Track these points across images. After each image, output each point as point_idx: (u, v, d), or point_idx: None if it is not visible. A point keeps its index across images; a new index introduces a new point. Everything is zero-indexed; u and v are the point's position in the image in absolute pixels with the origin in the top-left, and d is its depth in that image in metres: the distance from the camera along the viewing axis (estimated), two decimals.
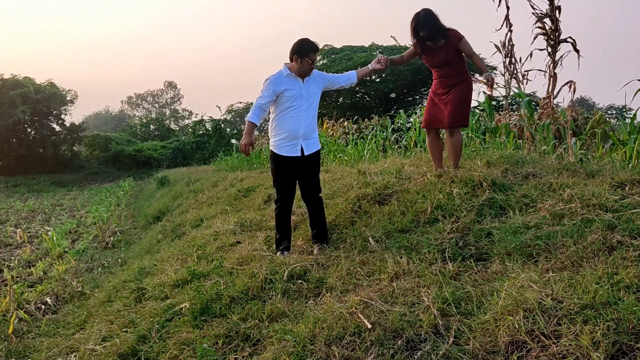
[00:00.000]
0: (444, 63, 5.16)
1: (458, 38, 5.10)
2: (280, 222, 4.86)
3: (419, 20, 5.09)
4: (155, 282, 5.01)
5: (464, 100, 5.17)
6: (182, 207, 11.85)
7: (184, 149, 38.68)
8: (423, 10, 5.11)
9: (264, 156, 17.31)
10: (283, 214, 4.85)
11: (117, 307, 4.86)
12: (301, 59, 4.65)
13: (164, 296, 4.58)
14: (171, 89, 79.62)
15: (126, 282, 5.72)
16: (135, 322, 4.19)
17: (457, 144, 5.28)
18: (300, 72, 4.70)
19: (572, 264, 3.12)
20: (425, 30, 5.07)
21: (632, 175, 4.20)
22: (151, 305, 4.39)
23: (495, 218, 4.18)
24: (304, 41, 4.70)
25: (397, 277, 3.64)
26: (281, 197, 4.85)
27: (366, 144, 10.35)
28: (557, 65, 9.75)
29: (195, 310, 3.88)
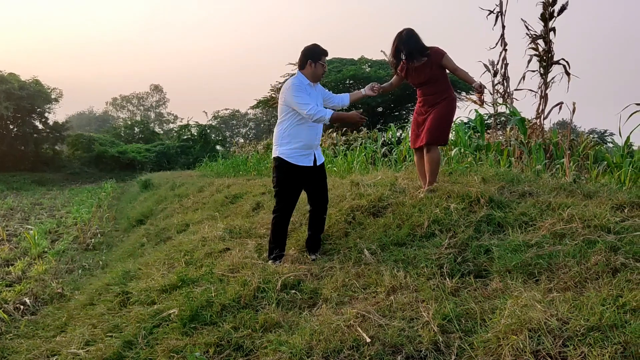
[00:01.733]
0: (427, 81, 5.17)
1: (440, 54, 5.11)
2: (278, 232, 4.77)
3: (402, 39, 5.12)
4: (141, 287, 4.86)
5: (443, 118, 5.16)
6: (167, 211, 11.66)
7: (169, 153, 38.36)
8: (405, 30, 5.14)
9: (250, 164, 17.20)
10: (283, 223, 4.78)
11: (100, 311, 4.70)
12: (315, 63, 4.69)
13: (150, 301, 4.44)
14: (157, 92, 79.04)
15: (110, 285, 5.55)
16: (120, 327, 4.05)
17: (433, 160, 5.24)
18: (314, 77, 4.72)
19: (575, 285, 3.08)
20: (406, 49, 5.10)
21: (630, 197, 4.19)
22: (137, 310, 4.24)
23: (493, 235, 4.14)
24: (315, 46, 4.73)
25: (395, 291, 3.57)
26: (284, 206, 4.76)
27: (356, 156, 10.31)
28: (549, 86, 9.87)
29: (184, 317, 3.75)
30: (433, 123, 5.10)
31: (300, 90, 4.59)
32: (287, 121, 4.68)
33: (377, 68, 28.62)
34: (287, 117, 4.67)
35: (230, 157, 23.12)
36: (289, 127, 4.67)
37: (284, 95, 4.63)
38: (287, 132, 4.67)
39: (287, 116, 4.67)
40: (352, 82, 28.41)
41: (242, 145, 28.02)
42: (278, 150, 4.69)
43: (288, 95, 4.59)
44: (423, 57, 5.10)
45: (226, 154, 27.66)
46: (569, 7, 9.41)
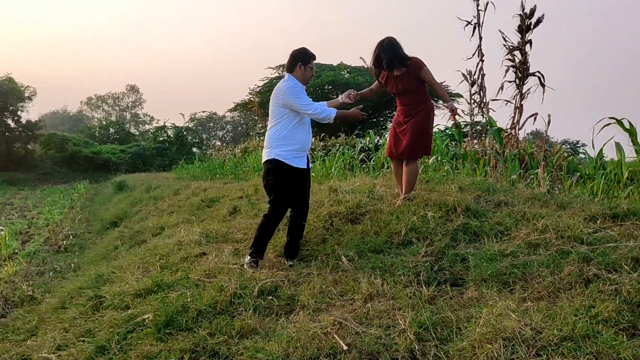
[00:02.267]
0: (405, 91, 5.20)
1: (419, 66, 5.14)
2: (266, 237, 4.76)
3: (383, 48, 5.15)
4: (114, 291, 4.79)
5: (422, 131, 5.18)
6: (142, 214, 11.52)
7: (144, 155, 37.90)
8: (387, 38, 5.18)
9: (227, 167, 17.12)
10: (273, 227, 4.78)
11: (72, 315, 4.61)
12: (305, 66, 4.74)
13: (124, 306, 4.37)
14: (133, 92, 78.14)
15: (82, 288, 5.45)
16: (93, 332, 3.98)
17: (411, 173, 5.29)
18: (304, 80, 4.76)
19: (548, 295, 3.13)
20: (386, 57, 5.13)
21: (602, 209, 4.28)
22: (110, 314, 4.17)
23: (469, 244, 4.19)
24: (305, 49, 4.79)
25: (372, 298, 3.58)
26: (279, 209, 4.74)
27: (334, 162, 10.34)
28: (524, 97, 10.04)
29: (159, 322, 3.71)
30: (412, 138, 5.13)
31: (300, 92, 4.64)
32: (282, 123, 4.66)
33: (355, 74, 28.78)
34: (282, 120, 4.66)
35: (207, 160, 22.97)
36: (285, 129, 4.66)
37: (281, 98, 4.62)
38: (282, 134, 4.65)
39: (282, 118, 4.66)
40: (331, 87, 28.52)
41: (219, 149, 27.85)
42: (274, 152, 4.64)
43: (287, 98, 4.59)
44: (403, 67, 5.13)
45: (203, 157, 27.47)
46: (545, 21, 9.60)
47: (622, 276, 3.09)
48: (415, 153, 5.20)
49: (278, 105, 4.66)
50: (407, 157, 5.21)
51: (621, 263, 3.25)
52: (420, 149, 5.22)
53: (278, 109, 4.68)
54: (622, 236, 3.70)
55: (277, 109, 4.69)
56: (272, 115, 4.75)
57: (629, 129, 5.56)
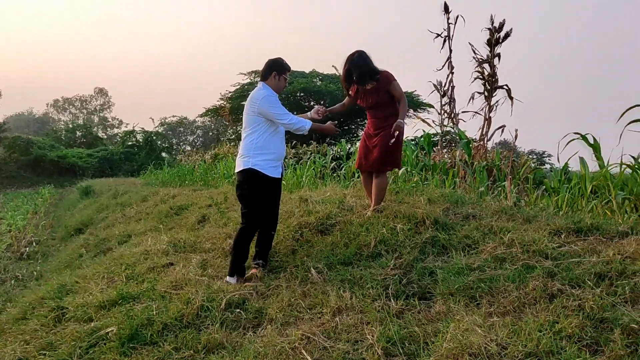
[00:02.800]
0: (375, 104, 5.22)
1: (389, 80, 5.15)
2: (244, 247, 4.68)
3: (353, 62, 5.15)
4: (77, 302, 4.67)
5: (392, 145, 5.18)
6: (108, 221, 11.30)
7: (112, 159, 37.30)
8: (357, 52, 5.18)
9: (197, 173, 16.94)
10: (250, 239, 4.72)
11: (33, 326, 4.47)
12: (279, 75, 4.75)
13: (87, 318, 4.26)
14: (102, 95, 76.94)
15: (44, 299, 5.30)
16: (55, 345, 3.86)
17: (380, 185, 5.31)
18: (277, 89, 4.77)
19: (514, 310, 3.17)
20: (356, 72, 5.13)
21: (567, 223, 4.36)
22: (73, 327, 4.06)
23: (438, 257, 4.22)
24: (282, 60, 4.82)
25: (340, 312, 3.57)
26: (256, 220, 4.69)
27: (305, 170, 10.33)
28: (493, 109, 10.23)
29: (123, 336, 3.63)
30: (383, 151, 5.15)
31: (276, 101, 4.64)
32: (258, 132, 4.63)
33: (328, 82, 28.85)
34: (258, 128, 4.63)
35: (177, 166, 22.70)
36: (261, 139, 4.62)
37: (257, 107, 4.59)
38: (259, 143, 4.61)
39: (258, 127, 4.63)
40: (303, 94, 28.53)
41: (189, 154, 27.55)
42: (251, 161, 4.59)
43: (263, 107, 4.57)
44: (373, 81, 5.15)
45: (172, 162, 27.14)
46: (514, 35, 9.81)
47: (586, 292, 3.15)
48: (385, 166, 5.23)
49: (253, 114, 4.63)
50: (376, 171, 5.23)
51: (584, 278, 3.31)
52: (390, 163, 5.25)
53: (253, 118, 4.65)
54: (585, 251, 3.77)
55: (252, 117, 4.65)
56: (247, 124, 4.71)
57: (592, 144, 5.70)
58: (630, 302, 2.99)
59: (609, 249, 3.75)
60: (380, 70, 5.18)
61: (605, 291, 3.14)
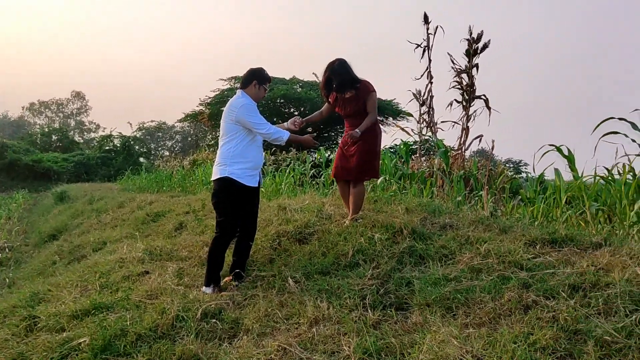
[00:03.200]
0: (353, 113, 5.22)
1: (367, 91, 5.17)
2: (220, 257, 4.64)
3: (334, 69, 5.17)
4: (50, 311, 4.57)
5: (369, 154, 5.22)
6: (83, 227, 11.13)
7: (88, 164, 36.71)
8: (337, 60, 5.20)
9: (175, 179, 16.78)
10: (225, 247, 4.68)
11: (4, 336, 4.35)
12: (260, 85, 4.73)
13: (60, 328, 4.17)
14: (78, 99, 75.82)
15: (16, 307, 5.18)
16: (26, 356, 3.77)
17: (358, 194, 5.32)
18: (256, 98, 4.74)
19: (490, 321, 3.19)
20: (337, 80, 5.15)
21: (542, 234, 4.42)
22: (45, 337, 3.97)
23: (415, 267, 4.23)
24: (264, 70, 4.80)
25: (317, 322, 3.56)
26: (231, 229, 4.66)
27: (284, 177, 10.30)
28: (470, 119, 10.35)
29: (95, 347, 3.55)
30: (360, 160, 5.16)
31: (254, 110, 4.61)
32: (236, 140, 4.60)
33: (308, 89, 28.88)
34: (235, 137, 4.60)
35: (154, 171, 22.46)
36: (238, 147, 4.59)
37: (235, 115, 4.56)
38: (236, 151, 4.58)
39: (235, 135, 4.59)
40: (283, 101, 28.52)
41: (167, 160, 27.28)
42: (227, 170, 4.55)
43: (241, 115, 4.54)
44: (353, 89, 5.16)
45: (150, 168, 26.84)
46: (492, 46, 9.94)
47: (560, 303, 3.18)
48: (362, 175, 5.24)
49: (231, 122, 4.60)
50: (354, 180, 5.23)
51: (559, 290, 3.34)
52: (368, 172, 5.26)
53: (231, 126, 4.62)
54: (559, 262, 3.82)
55: (230, 125, 4.63)
56: (225, 132, 4.68)
57: (567, 156, 5.79)
58: (604, 313, 3.03)
59: (582, 260, 3.81)
60: (361, 79, 5.20)
61: (579, 303, 3.17)
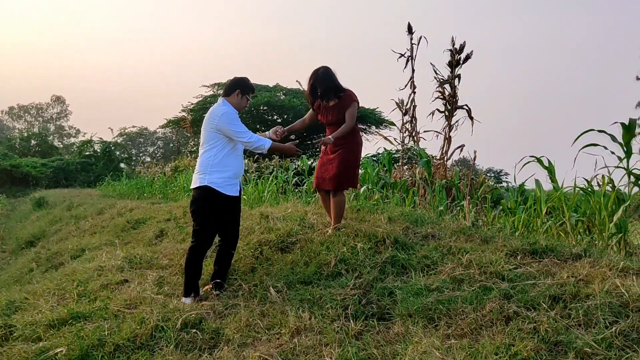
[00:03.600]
0: (335, 122, 5.21)
1: (349, 100, 5.17)
2: (197, 266, 4.59)
3: (318, 77, 5.18)
4: (26, 320, 4.47)
5: (349, 163, 5.20)
6: (61, 234, 10.96)
7: (68, 169, 36.19)
8: (322, 68, 5.22)
9: (156, 186, 16.64)
10: (202, 256, 4.64)
11: None
12: (242, 95, 4.71)
13: (36, 337, 4.08)
14: (59, 103, 74.88)
15: None
16: None
17: (338, 203, 5.30)
18: (239, 107, 4.71)
19: (471, 332, 3.19)
20: (321, 87, 5.16)
21: (522, 244, 4.45)
22: (20, 346, 3.88)
23: (397, 277, 4.23)
24: (248, 80, 4.78)
25: (299, 333, 3.53)
26: (206, 238, 4.62)
27: (267, 185, 10.26)
28: (453, 128, 10.43)
29: (72, 357, 3.49)
30: (337, 170, 5.14)
31: (235, 118, 4.58)
32: (216, 149, 4.56)
33: (291, 97, 28.87)
34: (216, 145, 4.56)
35: (135, 178, 22.25)
36: (218, 156, 4.55)
37: (215, 123, 4.53)
38: (216, 160, 4.54)
39: (216, 144, 4.56)
40: (266, 108, 28.47)
41: (148, 166, 27.04)
42: (207, 178, 4.51)
43: (222, 124, 4.50)
44: (336, 98, 5.17)
45: (131, 174, 26.57)
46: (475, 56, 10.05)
47: (540, 314, 3.20)
48: (341, 185, 5.22)
49: (212, 130, 4.57)
50: (334, 189, 5.22)
51: (539, 301, 3.36)
52: (347, 182, 5.25)
53: (212, 134, 4.59)
54: (540, 273, 3.84)
55: (210, 133, 4.59)
56: (205, 140, 4.65)
57: (547, 167, 5.85)
58: (584, 325, 3.06)
59: (563, 271, 3.84)
60: (345, 88, 5.21)
61: (559, 314, 3.19)
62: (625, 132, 5.17)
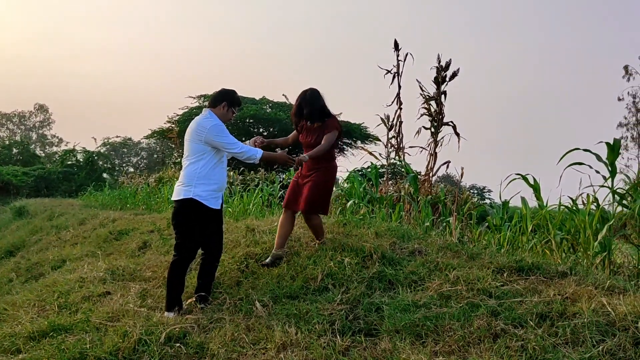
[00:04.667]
0: (314, 143, 5.15)
1: (333, 127, 5.14)
2: (180, 280, 4.52)
3: (305, 98, 5.16)
4: (5, 331, 4.36)
5: (323, 188, 5.17)
6: (42, 244, 10.80)
7: (49, 178, 35.72)
8: (310, 90, 5.20)
9: (139, 197, 16.48)
10: (185, 270, 4.57)
11: None
12: (229, 107, 4.65)
13: (15, 349, 3.98)
14: (42, 112, 74.09)
15: None
16: None
17: (316, 226, 5.29)
18: (224, 119, 4.64)
19: (459, 349, 3.18)
20: (307, 108, 5.13)
21: (509, 262, 4.46)
22: None
23: (384, 292, 4.21)
24: (235, 93, 4.73)
25: (285, 348, 3.49)
26: (191, 251, 4.57)
27: (252, 198, 10.21)
28: (438, 144, 10.48)
29: None
30: (310, 194, 5.08)
31: (224, 130, 4.51)
32: (203, 161, 4.49)
33: (277, 110, 28.92)
34: (203, 157, 4.49)
35: (118, 188, 22.02)
36: (205, 168, 4.49)
37: (204, 135, 4.45)
38: (203, 172, 4.48)
39: (203, 156, 4.49)
40: (253, 121, 28.48)
41: (131, 176, 26.80)
42: (192, 191, 4.44)
43: (212, 136, 4.44)
44: (321, 121, 5.15)
45: (114, 184, 26.30)
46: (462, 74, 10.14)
47: (528, 332, 3.20)
48: (314, 209, 5.16)
49: (200, 142, 4.50)
50: (305, 212, 5.16)
51: (527, 318, 3.37)
52: (318, 207, 5.19)
53: (199, 146, 4.52)
54: (527, 290, 3.86)
55: (197, 145, 4.53)
56: (191, 152, 4.57)
57: (533, 185, 5.90)
58: (571, 343, 3.06)
59: (549, 288, 3.85)
60: (332, 114, 5.22)
61: (546, 332, 3.20)
62: (610, 152, 5.24)
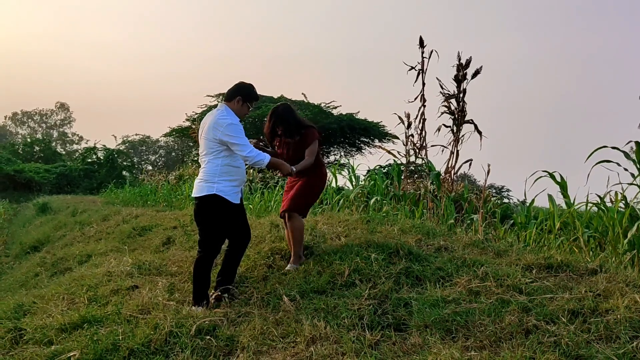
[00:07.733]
0: (295, 158, 5.05)
1: (311, 138, 5.08)
2: (206, 276, 4.55)
3: (278, 115, 5.08)
4: (36, 323, 4.45)
5: (309, 190, 5.14)
6: (66, 239, 10.93)
7: (71, 176, 36.22)
8: (281, 105, 5.16)
9: (160, 194, 16.65)
10: (210, 266, 4.59)
11: None
12: (244, 102, 4.61)
13: (47, 341, 4.06)
14: (63, 110, 75.12)
15: (0, 319, 5.05)
16: None
17: (297, 229, 5.06)
18: (239, 114, 4.60)
19: (490, 344, 3.17)
20: (283, 125, 5.06)
21: (537, 259, 4.44)
22: (32, 350, 3.87)
23: (412, 288, 4.21)
24: (252, 87, 4.67)
25: (314, 342, 3.50)
26: (214, 251, 4.59)
27: (273, 195, 10.26)
28: (460, 142, 10.42)
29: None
30: (295, 193, 5.08)
31: (240, 131, 4.46)
32: (222, 157, 4.49)
33: (296, 108, 28.92)
34: (222, 153, 4.48)
35: (139, 185, 22.27)
36: (225, 164, 4.49)
37: (219, 133, 4.42)
38: (224, 168, 4.48)
39: (221, 152, 4.49)
40: None
41: (151, 174, 27.09)
42: (215, 187, 4.45)
43: (224, 134, 4.41)
44: (298, 135, 5.08)
45: (133, 181, 26.59)
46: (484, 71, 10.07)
47: (560, 328, 3.18)
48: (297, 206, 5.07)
49: (215, 140, 4.48)
50: (288, 209, 5.07)
51: (558, 314, 3.35)
52: (299, 207, 5.10)
53: (214, 143, 4.50)
54: (557, 287, 3.83)
55: (212, 142, 4.50)
56: (208, 148, 4.54)
57: (560, 182, 5.85)
58: (605, 339, 3.04)
59: (580, 285, 3.82)
60: (308, 124, 5.17)
61: (579, 328, 3.18)
62: (639, 150, 5.18)
